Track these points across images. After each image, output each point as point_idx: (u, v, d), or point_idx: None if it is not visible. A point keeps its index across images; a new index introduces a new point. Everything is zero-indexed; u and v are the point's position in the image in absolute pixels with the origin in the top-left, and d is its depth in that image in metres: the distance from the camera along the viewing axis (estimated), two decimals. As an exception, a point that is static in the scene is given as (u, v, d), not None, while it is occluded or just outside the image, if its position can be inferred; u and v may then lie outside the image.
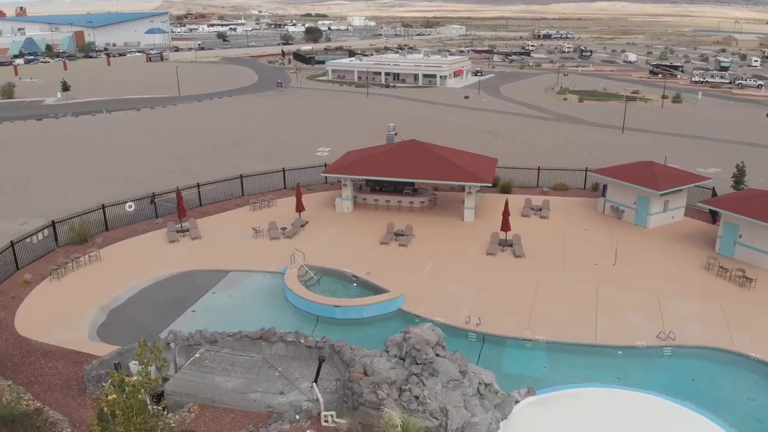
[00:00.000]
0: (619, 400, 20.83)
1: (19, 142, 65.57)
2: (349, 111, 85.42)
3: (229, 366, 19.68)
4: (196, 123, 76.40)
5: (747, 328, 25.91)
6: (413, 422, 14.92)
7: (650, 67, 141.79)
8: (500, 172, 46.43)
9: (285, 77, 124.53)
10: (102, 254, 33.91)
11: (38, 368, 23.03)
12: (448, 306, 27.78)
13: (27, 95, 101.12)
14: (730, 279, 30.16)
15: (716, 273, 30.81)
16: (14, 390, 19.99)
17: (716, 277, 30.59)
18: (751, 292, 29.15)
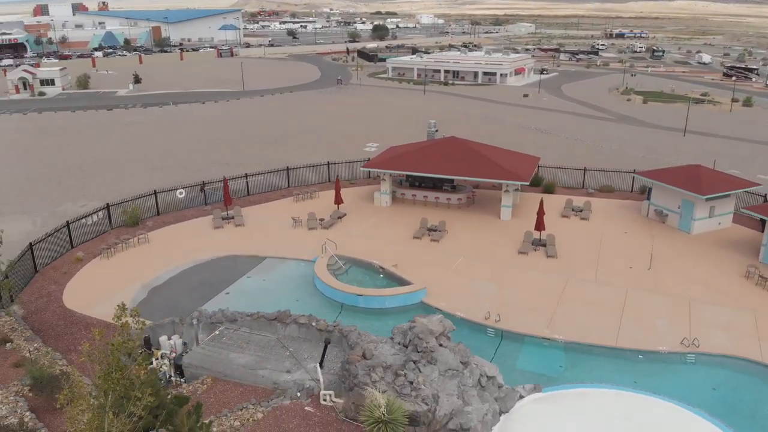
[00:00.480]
0: (626, 403, 20.59)
1: (89, 130, 69.92)
2: (403, 108, 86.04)
3: (245, 344, 20.81)
4: (255, 117, 79.05)
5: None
6: (398, 404, 15.44)
7: (724, 69, 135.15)
8: (544, 171, 45.99)
9: (346, 74, 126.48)
10: (150, 237, 36.02)
11: (78, 338, 24.91)
12: (471, 301, 28.00)
13: (102, 86, 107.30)
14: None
15: (755, 282, 29.60)
16: (51, 356, 21.75)
17: (755, 287, 29.38)
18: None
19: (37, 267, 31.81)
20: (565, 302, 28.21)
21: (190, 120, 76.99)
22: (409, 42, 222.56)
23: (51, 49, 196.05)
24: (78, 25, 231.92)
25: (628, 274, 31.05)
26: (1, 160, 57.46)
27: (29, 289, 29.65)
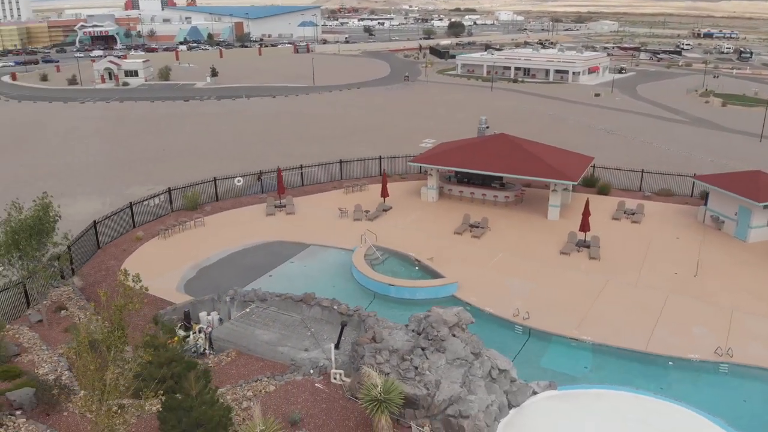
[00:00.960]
0: (644, 407, 20.25)
1: (165, 119, 74.03)
2: (467, 104, 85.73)
3: (271, 322, 21.98)
4: (320, 111, 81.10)
5: (825, 356, 23.63)
6: (395, 385, 16.01)
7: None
8: (601, 172, 44.98)
9: (415, 71, 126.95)
10: (206, 220, 38.10)
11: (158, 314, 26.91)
12: (503, 298, 28.09)
13: (182, 78, 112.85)
14: (827, 303, 27.35)
15: (809, 295, 28.06)
16: (100, 324, 23.64)
17: (808, 300, 27.87)
18: None
19: (100, 243, 34.39)
20: (601, 304, 27.81)
21: (259, 113, 79.94)
22: (484, 39, 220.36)
23: (139, 42, 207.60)
24: (166, 19, 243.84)
25: (672, 280, 30.14)
26: (81, 145, 61.91)
27: (90, 263, 32.18)
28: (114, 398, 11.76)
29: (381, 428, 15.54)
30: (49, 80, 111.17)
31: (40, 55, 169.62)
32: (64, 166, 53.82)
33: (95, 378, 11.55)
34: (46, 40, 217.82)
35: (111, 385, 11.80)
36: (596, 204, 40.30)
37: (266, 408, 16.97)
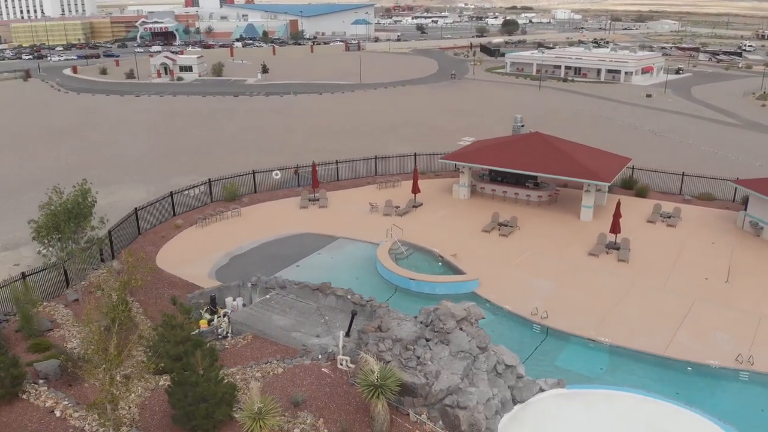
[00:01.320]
0: (652, 410, 19.98)
1: (213, 114, 76.41)
2: (512, 103, 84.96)
3: (288, 308, 22.77)
4: (363, 108, 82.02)
5: None
6: (392, 372, 16.44)
7: None
8: (640, 174, 44.09)
9: (463, 69, 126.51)
10: (243, 211, 39.40)
11: (160, 293, 28.21)
12: (523, 296, 28.07)
13: (234, 75, 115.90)
14: None
15: None
16: (130, 304, 24.96)
17: (844, 311, 26.75)
18: None
19: (141, 230, 36.08)
20: (623, 306, 27.47)
21: (304, 109, 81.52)
22: (538, 37, 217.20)
23: (197, 39, 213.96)
24: (223, 16, 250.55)
25: (701, 285, 29.44)
26: (132, 136, 64.67)
27: (130, 248, 33.74)
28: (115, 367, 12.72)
29: (377, 413, 16.03)
30: (108, 74, 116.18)
31: (102, 49, 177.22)
32: (114, 156, 56.45)
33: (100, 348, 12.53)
34: (108, 35, 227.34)
35: (113, 354, 12.76)
36: (632, 206, 39.70)
37: (272, 389, 17.72)
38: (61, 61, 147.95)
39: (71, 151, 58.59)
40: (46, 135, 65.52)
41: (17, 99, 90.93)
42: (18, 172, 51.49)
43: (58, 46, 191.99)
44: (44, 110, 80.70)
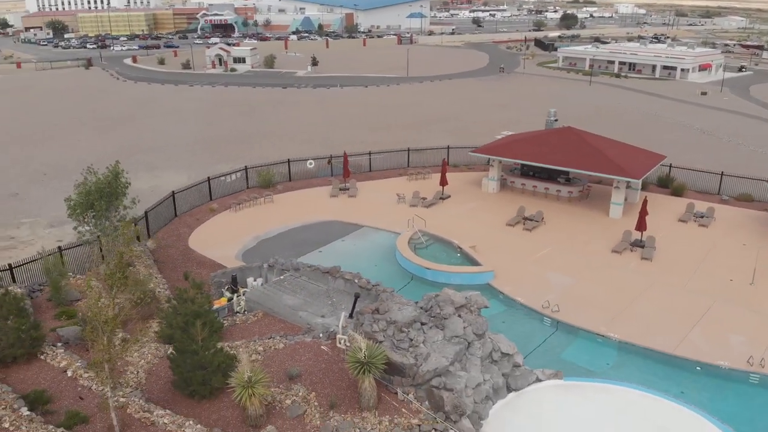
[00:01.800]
0: (649, 406, 19.96)
1: (260, 104, 78.48)
2: (559, 98, 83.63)
3: (299, 289, 23.73)
4: (406, 101, 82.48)
5: None
6: (380, 350, 17.06)
7: None
8: (678, 173, 43.08)
9: (514, 63, 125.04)
10: (275, 198, 40.70)
11: (186, 267, 29.82)
12: (538, 290, 28.17)
13: (286, 67, 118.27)
14: None
15: None
16: (158, 280, 26.46)
17: None
18: None
19: (177, 212, 37.88)
20: (639, 304, 27.21)
21: (348, 101, 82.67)
22: (597, 32, 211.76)
23: (255, 31, 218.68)
24: (281, 9, 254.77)
25: (724, 286, 28.79)
26: (182, 124, 67.26)
27: (166, 229, 35.61)
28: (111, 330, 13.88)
29: (364, 389, 16.73)
30: (166, 64, 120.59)
31: (164, 40, 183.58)
32: (163, 143, 58.98)
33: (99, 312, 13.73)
34: (170, 26, 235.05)
35: (110, 317, 13.93)
36: (665, 205, 39.01)
37: (272, 362, 18.70)
38: (123, 51, 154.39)
39: (123, 137, 61.52)
40: (101, 121, 68.92)
41: (78, 86, 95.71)
42: (72, 154, 54.53)
43: (122, 36, 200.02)
44: (102, 97, 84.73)
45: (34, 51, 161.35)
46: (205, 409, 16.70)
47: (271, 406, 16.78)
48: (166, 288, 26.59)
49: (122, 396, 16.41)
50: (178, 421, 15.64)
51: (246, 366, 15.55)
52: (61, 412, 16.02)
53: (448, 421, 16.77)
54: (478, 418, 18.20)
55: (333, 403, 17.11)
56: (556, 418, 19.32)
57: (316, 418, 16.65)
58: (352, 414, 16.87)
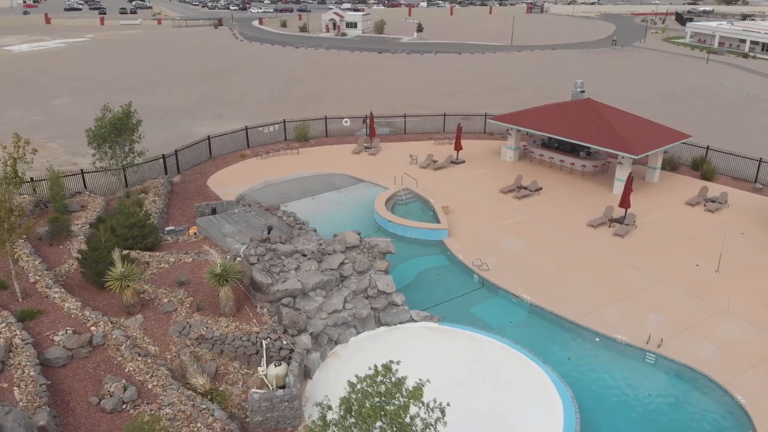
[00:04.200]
0: (505, 357, 21.10)
1: (349, 68, 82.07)
2: (662, 75, 78.32)
3: (242, 221, 27.07)
4: (490, 69, 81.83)
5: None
6: (234, 266, 19.82)
7: None
8: (714, 156, 40.51)
9: (636, 37, 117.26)
10: (302, 151, 44.20)
11: (190, 201, 34.23)
12: (484, 251, 29.17)
13: (394, 33, 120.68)
14: None
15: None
16: (159, 209, 30.98)
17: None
18: None
19: (212, 155, 42.85)
20: (576, 275, 27.41)
21: (434, 68, 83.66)
22: (761, 9, 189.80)
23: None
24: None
25: (685, 270, 27.90)
26: (267, 81, 72.71)
27: (196, 168, 40.46)
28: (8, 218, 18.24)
29: (221, 298, 19.82)
30: (287, 27, 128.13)
31: (302, 4, 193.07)
32: (240, 96, 64.68)
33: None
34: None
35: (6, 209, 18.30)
36: (682, 187, 37.48)
37: (175, 270, 22.41)
38: (258, 13, 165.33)
39: (210, 89, 68.15)
40: (200, 75, 76.45)
41: (199, 43, 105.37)
42: (159, 102, 61.70)
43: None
44: (213, 54, 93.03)
45: (183, 10, 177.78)
46: (101, 297, 20.79)
47: (149, 301, 20.50)
48: (160, 211, 31.29)
49: (38, 276, 21.05)
50: (65, 297, 19.88)
51: (118, 264, 19.28)
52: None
53: (285, 335, 19.39)
54: (330, 339, 20.56)
55: (200, 306, 20.44)
56: (407, 351, 20.86)
57: (181, 316, 20.10)
58: (211, 317, 20.09)
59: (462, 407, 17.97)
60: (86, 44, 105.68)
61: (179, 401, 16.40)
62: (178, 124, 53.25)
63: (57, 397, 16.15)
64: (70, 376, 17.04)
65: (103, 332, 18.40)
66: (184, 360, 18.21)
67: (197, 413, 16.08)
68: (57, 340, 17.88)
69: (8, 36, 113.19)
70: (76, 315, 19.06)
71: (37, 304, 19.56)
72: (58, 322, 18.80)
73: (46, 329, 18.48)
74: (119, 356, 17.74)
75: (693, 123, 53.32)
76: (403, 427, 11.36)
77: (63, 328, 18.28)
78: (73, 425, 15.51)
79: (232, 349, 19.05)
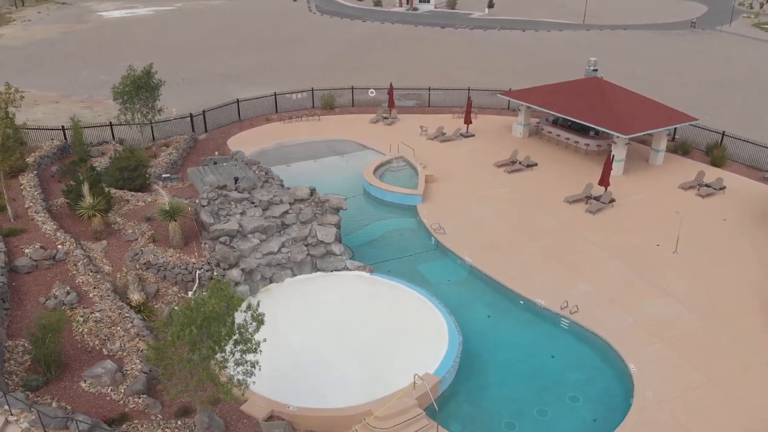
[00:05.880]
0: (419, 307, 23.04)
1: (405, 41, 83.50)
2: (731, 62, 74.22)
3: (225, 172, 30.23)
4: (544, 47, 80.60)
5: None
6: (181, 205, 22.78)
7: None
8: (731, 143, 39.39)
9: (723, 20, 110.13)
10: (323, 118, 46.78)
11: (202, 156, 37.93)
12: (450, 217, 30.84)
13: (467, 8, 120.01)
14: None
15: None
16: (171, 156, 34.84)
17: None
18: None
19: (241, 117, 46.42)
20: (527, 243, 28.73)
21: (491, 44, 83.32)
22: None
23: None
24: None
25: (639, 249, 28.38)
26: (320, 51, 75.58)
27: (222, 128, 44.05)
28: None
29: (169, 231, 23.04)
30: (363, 1, 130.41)
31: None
32: (289, 65, 68.04)
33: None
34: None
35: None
36: (683, 171, 37.19)
37: (148, 206, 25.90)
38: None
39: (264, 57, 71.99)
40: (261, 44, 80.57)
41: (273, 13, 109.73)
42: (212, 68, 66.16)
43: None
44: (281, 25, 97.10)
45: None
46: (79, 225, 24.66)
47: (117, 231, 24.09)
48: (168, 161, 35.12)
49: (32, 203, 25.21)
50: (45, 221, 23.88)
51: (88, 197, 22.89)
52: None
53: (218, 268, 22.31)
54: (263, 277, 23.30)
55: (155, 238, 23.78)
56: (334, 293, 23.55)
57: (139, 245, 23.54)
58: (162, 248, 23.38)
59: (365, 337, 20.83)
60: (172, 12, 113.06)
61: (110, 309, 19.76)
62: (223, 89, 57.25)
63: (14, 295, 19.99)
64: (30, 281, 20.87)
65: (67, 250, 22.13)
66: (129, 279, 21.58)
67: (120, 319, 19.37)
68: (27, 252, 21.79)
69: (106, 2, 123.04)
70: (50, 235, 22.99)
71: (23, 224, 23.67)
72: (34, 239, 22.74)
73: (23, 244, 22.45)
74: (74, 270, 21.40)
75: (736, 109, 51.25)
76: (216, 336, 13.79)
77: (34, 244, 22.17)
78: (19, 316, 19.28)
79: (172, 275, 22.23)
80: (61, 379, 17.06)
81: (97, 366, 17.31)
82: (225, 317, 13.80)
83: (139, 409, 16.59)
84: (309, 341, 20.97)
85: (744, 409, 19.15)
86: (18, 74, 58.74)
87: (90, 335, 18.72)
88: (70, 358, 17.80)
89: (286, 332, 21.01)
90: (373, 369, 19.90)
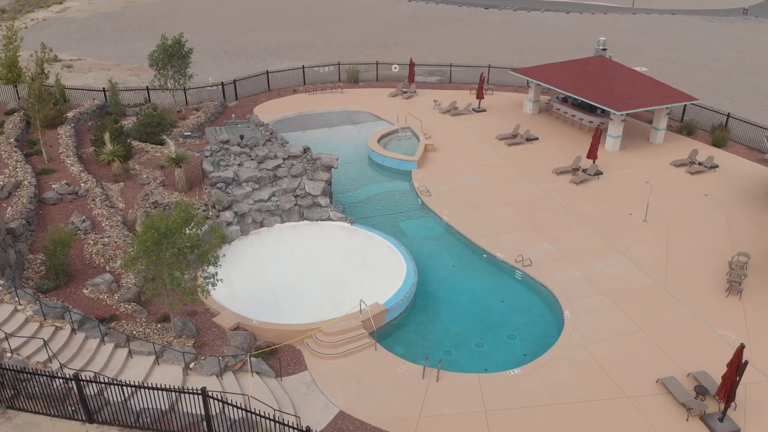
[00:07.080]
0: (386, 254, 25.76)
1: (444, 21, 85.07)
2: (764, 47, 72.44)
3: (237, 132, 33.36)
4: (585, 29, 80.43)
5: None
6: (185, 155, 26.14)
7: None
8: (736, 125, 39.95)
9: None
10: (345, 91, 49.60)
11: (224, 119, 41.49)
12: (440, 182, 33.32)
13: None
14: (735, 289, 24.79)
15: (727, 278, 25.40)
16: (200, 118, 38.65)
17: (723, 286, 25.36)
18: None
19: (270, 87, 49.82)
20: (503, 207, 30.86)
21: (532, 25, 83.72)
22: None
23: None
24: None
25: (611, 217, 30.11)
26: (357, 28, 78.17)
27: (251, 97, 47.60)
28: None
29: (176, 177, 26.56)
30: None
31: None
32: (324, 41, 71.01)
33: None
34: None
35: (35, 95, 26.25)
36: (680, 149, 38.31)
37: (161, 155, 29.52)
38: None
39: (304, 34, 75.20)
40: (305, 21, 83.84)
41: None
42: (256, 42, 69.79)
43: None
44: (330, 3, 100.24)
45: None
46: (103, 169, 28.52)
47: (134, 175, 27.86)
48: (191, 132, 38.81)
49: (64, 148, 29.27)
50: (73, 163, 27.83)
51: (108, 144, 26.65)
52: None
53: (213, 209, 25.68)
54: (254, 221, 26.55)
55: (164, 182, 27.38)
56: (316, 239, 26.51)
57: (151, 187, 27.20)
58: (169, 191, 26.95)
59: (333, 274, 24.04)
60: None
61: (116, 236, 23.47)
62: (261, 62, 60.89)
63: (40, 221, 23.98)
64: (54, 210, 24.83)
65: (88, 188, 26.02)
66: (138, 215, 25.24)
67: (124, 245, 23.02)
68: (54, 187, 25.77)
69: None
70: (75, 175, 26.96)
71: (54, 165, 27.73)
72: (61, 177, 26.74)
73: (53, 181, 26.47)
74: (92, 204, 25.25)
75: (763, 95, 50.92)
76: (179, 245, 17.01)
77: (61, 181, 26.17)
78: (41, 237, 23.28)
79: (174, 213, 25.84)
80: (68, 286, 20.83)
81: (98, 277, 20.99)
82: (184, 227, 17.00)
83: (128, 313, 20.16)
84: (285, 275, 24.11)
85: (661, 358, 21.02)
86: (78, 42, 64.28)
87: (97, 255, 22.46)
88: (78, 272, 21.56)
89: (267, 267, 24.22)
90: (333, 298, 22.88)
